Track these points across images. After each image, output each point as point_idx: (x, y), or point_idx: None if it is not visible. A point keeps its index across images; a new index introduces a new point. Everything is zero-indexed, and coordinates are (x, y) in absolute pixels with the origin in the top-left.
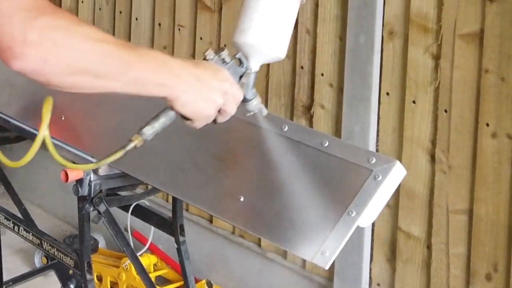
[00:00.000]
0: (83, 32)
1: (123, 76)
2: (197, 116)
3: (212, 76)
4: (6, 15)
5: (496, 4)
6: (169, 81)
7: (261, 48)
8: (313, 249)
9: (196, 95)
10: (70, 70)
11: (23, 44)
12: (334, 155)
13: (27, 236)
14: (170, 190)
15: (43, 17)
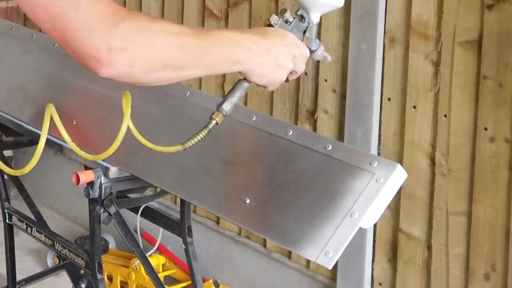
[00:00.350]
0: (161, 29)
1: (201, 62)
2: (271, 83)
3: (280, 43)
4: (88, 28)
5: (494, 13)
6: (242, 57)
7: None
8: (317, 250)
9: (268, 65)
10: (154, 68)
11: (108, 53)
12: (337, 158)
13: (40, 237)
14: (178, 193)
15: (121, 23)
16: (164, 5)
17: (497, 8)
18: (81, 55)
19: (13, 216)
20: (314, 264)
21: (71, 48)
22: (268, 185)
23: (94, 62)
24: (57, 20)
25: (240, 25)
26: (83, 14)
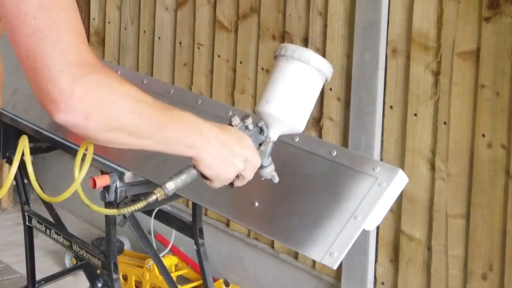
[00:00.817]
0: (125, 92)
1: (155, 135)
2: (217, 178)
3: (237, 142)
4: (58, 69)
5: (491, 25)
6: (197, 143)
7: (282, 120)
8: (322, 251)
9: (220, 158)
10: (109, 127)
11: (69, 98)
12: (341, 163)
13: (58, 238)
14: (190, 196)
15: (91, 75)
16: (176, 17)
17: (494, 20)
18: (43, 92)
19: (32, 218)
20: (320, 264)
21: (36, 82)
22: (276, 189)
23: (53, 104)
24: (31, 52)
25: (249, 36)
26: (58, 54)
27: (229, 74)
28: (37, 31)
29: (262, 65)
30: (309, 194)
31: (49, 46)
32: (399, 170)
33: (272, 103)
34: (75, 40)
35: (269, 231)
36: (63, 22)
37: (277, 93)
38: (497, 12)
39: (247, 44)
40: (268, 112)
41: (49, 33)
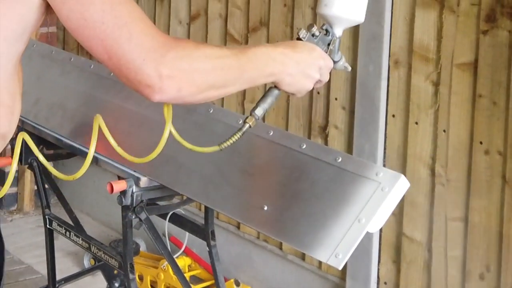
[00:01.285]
0: (204, 55)
1: (240, 79)
2: (299, 91)
3: (308, 56)
4: (140, 59)
5: (488, 37)
6: (275, 70)
7: (343, 16)
8: (328, 252)
9: (298, 75)
10: (200, 90)
11: (159, 80)
12: (346, 169)
13: (77, 240)
14: (203, 200)
15: (169, 53)
16: (189, 30)
17: (491, 33)
18: (135, 83)
19: (53, 221)
20: (326, 265)
21: (126, 76)
22: (284, 194)
23: (147, 89)
24: (112, 52)
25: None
26: (135, 46)
27: None
28: (110, 33)
29: None
30: (316, 198)
31: (125, 43)
32: (401, 175)
33: (330, 5)
34: (144, 27)
35: (277, 233)
36: (128, 16)
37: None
38: (493, 26)
39: None
40: (329, 13)
41: (120, 31)
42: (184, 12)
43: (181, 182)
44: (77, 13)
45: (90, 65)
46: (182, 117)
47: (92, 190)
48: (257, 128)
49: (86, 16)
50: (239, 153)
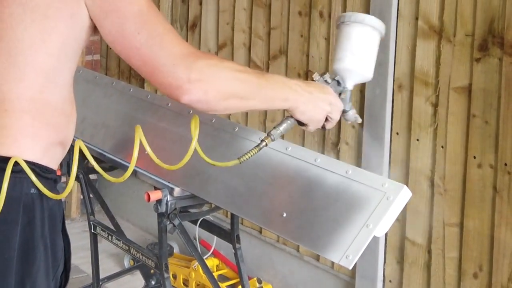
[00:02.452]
0: (229, 67)
1: (259, 95)
2: (311, 120)
3: (320, 91)
4: (172, 63)
5: (481, 64)
6: (290, 96)
7: (353, 71)
8: (340, 253)
9: (310, 105)
10: (224, 96)
11: (188, 83)
12: (355, 180)
13: (118, 243)
14: (229, 208)
15: (198, 60)
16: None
17: (483, 61)
18: (166, 85)
19: (97, 227)
20: (338, 265)
21: (158, 79)
22: (301, 202)
23: (177, 91)
24: (146, 59)
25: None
26: (167, 53)
27: None
28: (144, 43)
29: None
30: (328, 206)
31: (158, 50)
32: (404, 186)
33: (344, 60)
34: (174, 37)
35: (295, 237)
36: (160, 28)
37: (345, 51)
38: (486, 54)
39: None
40: (342, 67)
41: (153, 40)
42: (212, 41)
43: (210, 192)
44: (117, 26)
45: (129, 89)
46: (211, 135)
47: (132, 199)
48: (276, 145)
49: (124, 28)
50: (261, 166)
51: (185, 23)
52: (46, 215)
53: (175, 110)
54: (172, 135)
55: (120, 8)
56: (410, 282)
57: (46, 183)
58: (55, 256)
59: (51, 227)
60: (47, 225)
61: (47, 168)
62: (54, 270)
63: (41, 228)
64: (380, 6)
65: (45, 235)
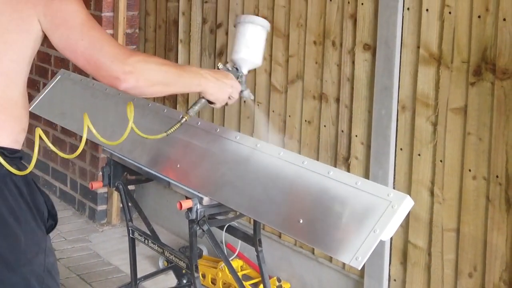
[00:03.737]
0: (154, 61)
1: (178, 82)
2: (218, 100)
3: (225, 77)
4: (109, 61)
5: (475, 88)
6: (202, 82)
7: (248, 60)
8: (350, 255)
9: (217, 88)
10: (151, 83)
11: (123, 74)
12: (364, 191)
13: (154, 246)
14: (252, 215)
15: (130, 57)
16: None
17: (477, 84)
18: (107, 77)
19: (135, 232)
20: (348, 265)
21: (100, 74)
22: (315, 210)
23: (115, 81)
24: (89, 59)
25: (296, 97)
26: (105, 53)
27: (281, 124)
28: (87, 47)
29: (305, 117)
30: (340, 214)
31: (99, 52)
32: (407, 196)
33: (239, 52)
34: (109, 41)
35: (310, 241)
36: (98, 34)
37: (241, 45)
38: (479, 79)
39: (294, 102)
40: (238, 58)
41: (94, 45)
42: None
43: (235, 201)
44: (65, 36)
45: (163, 110)
46: (201, 135)
47: (166, 207)
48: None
49: (71, 37)
50: (281, 178)
51: (213, 51)
52: (22, 183)
53: (203, 128)
54: (201, 150)
55: (67, 22)
56: (413, 281)
57: (13, 160)
58: (37, 207)
59: (28, 189)
60: (25, 188)
61: (13, 149)
62: (40, 216)
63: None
64: (386, 36)
65: (25, 195)
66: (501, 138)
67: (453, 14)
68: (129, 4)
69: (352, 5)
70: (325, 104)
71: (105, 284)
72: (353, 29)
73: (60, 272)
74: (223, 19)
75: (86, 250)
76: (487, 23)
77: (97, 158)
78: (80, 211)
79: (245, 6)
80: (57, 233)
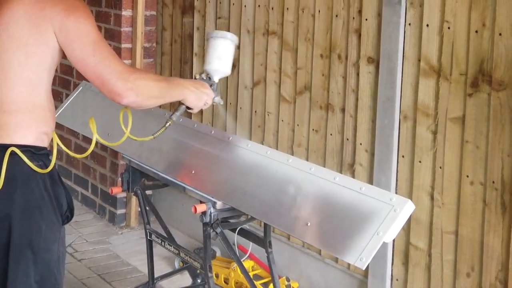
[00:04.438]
0: (150, 78)
1: (167, 94)
2: (195, 106)
3: (202, 86)
4: (115, 78)
5: (473, 99)
6: (185, 92)
7: (220, 70)
8: (355, 256)
9: (195, 96)
10: (148, 97)
11: (126, 91)
12: (368, 196)
13: (170, 248)
14: (263, 218)
15: (131, 76)
16: (253, 93)
17: (475, 96)
18: (111, 93)
19: (152, 234)
20: (353, 266)
21: (106, 88)
22: (322, 213)
23: (118, 97)
24: (98, 74)
25: (304, 107)
26: (112, 71)
27: (289, 133)
28: (97, 62)
29: (312, 126)
30: (345, 217)
31: (106, 69)
32: (408, 200)
33: (212, 63)
34: (117, 60)
35: (317, 243)
36: (107, 53)
37: (213, 57)
38: (476, 90)
39: (302, 112)
40: (211, 68)
41: (103, 61)
42: (248, 79)
43: (247, 205)
44: (77, 51)
45: (179, 119)
46: (214, 143)
47: (181, 211)
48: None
49: (83, 53)
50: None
51: None
52: (47, 176)
53: (217, 137)
54: (214, 158)
55: (80, 39)
56: (414, 280)
57: (41, 157)
58: (58, 200)
59: (51, 182)
60: (49, 181)
61: (39, 147)
62: (59, 208)
63: (44, 185)
64: (389, 50)
65: (48, 188)
66: (497, 146)
67: (452, 29)
68: (147, 19)
69: (357, 21)
70: (331, 114)
71: (124, 283)
72: (357, 43)
73: (82, 272)
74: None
75: (106, 252)
76: (484, 37)
77: (116, 164)
78: (101, 215)
79: (256, 22)
80: (78, 236)
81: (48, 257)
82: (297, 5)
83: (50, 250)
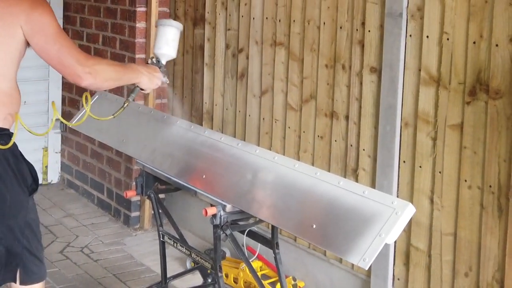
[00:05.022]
0: (107, 63)
1: (123, 77)
2: (147, 87)
3: (153, 70)
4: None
5: (470, 107)
6: (139, 76)
7: (167, 54)
8: (358, 257)
9: (147, 79)
10: (105, 80)
11: (84, 74)
12: (371, 199)
13: (182, 249)
14: (270, 221)
15: (89, 61)
16: (261, 101)
17: (473, 103)
18: (72, 75)
19: (165, 236)
20: (356, 266)
21: (67, 72)
22: (327, 216)
23: (78, 79)
24: (60, 60)
25: (309, 114)
26: (72, 57)
27: (296, 139)
28: (58, 50)
29: (318, 133)
30: (349, 220)
31: (67, 56)
32: (409, 203)
33: (161, 48)
34: (76, 49)
35: (322, 244)
36: (67, 42)
37: (162, 43)
38: (474, 98)
39: (308, 119)
40: (160, 53)
41: (64, 50)
42: (257, 88)
43: (255, 208)
44: (41, 41)
45: (191, 126)
46: (224, 149)
47: (192, 214)
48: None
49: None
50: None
51: (235, 73)
52: (9, 154)
53: (226, 143)
54: (224, 163)
55: (43, 31)
56: (414, 280)
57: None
58: (22, 174)
59: (14, 160)
60: (11, 159)
61: (2, 128)
62: (23, 181)
63: (7, 161)
64: (391, 60)
65: (11, 164)
66: (494, 152)
67: (451, 40)
68: None
69: (360, 32)
70: (335, 121)
71: (138, 282)
72: (361, 53)
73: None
74: (244, 44)
75: (121, 252)
76: (482, 48)
77: (131, 169)
78: (116, 217)
79: (264, 33)
80: (95, 237)
81: (14, 223)
82: (303, 18)
83: (16, 217)
